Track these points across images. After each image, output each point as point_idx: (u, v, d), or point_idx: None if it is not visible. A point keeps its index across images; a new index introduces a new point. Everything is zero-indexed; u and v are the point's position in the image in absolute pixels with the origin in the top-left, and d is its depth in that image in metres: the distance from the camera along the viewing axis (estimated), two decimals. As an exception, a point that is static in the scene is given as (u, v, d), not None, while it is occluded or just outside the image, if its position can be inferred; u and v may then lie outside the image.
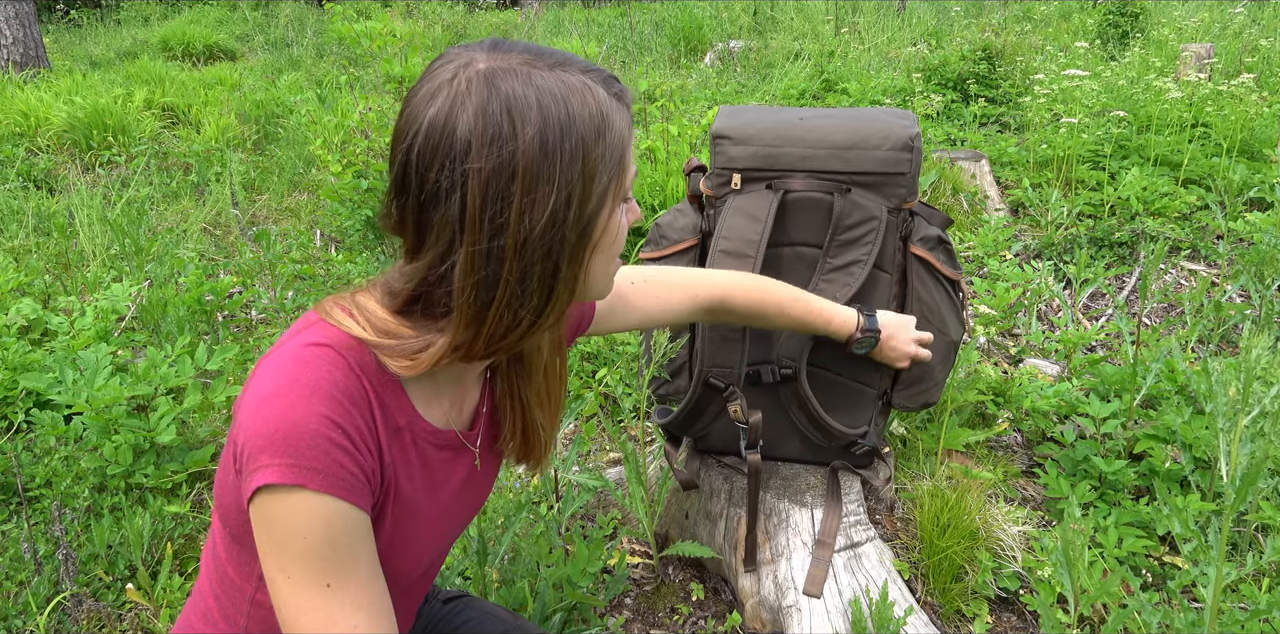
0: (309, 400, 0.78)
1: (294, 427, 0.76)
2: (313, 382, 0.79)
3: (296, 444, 0.76)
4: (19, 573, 1.88)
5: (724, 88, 6.02)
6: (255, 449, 0.77)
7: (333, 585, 0.78)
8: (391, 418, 0.86)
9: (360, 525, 0.81)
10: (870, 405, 1.76)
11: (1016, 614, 1.82)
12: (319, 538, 0.77)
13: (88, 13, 12.03)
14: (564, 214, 0.78)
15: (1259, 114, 4.23)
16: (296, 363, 0.80)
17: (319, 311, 0.86)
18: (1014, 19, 8.48)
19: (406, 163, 0.78)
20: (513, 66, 0.77)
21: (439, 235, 0.79)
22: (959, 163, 3.93)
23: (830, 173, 1.64)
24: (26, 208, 4.11)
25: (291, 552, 0.78)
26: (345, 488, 0.78)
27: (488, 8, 12.50)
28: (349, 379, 0.81)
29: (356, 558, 0.80)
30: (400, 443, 0.87)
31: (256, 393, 0.79)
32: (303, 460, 0.76)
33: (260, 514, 0.78)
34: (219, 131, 5.58)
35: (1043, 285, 2.96)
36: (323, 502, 0.77)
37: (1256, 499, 1.82)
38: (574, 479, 1.84)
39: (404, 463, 0.87)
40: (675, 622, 1.81)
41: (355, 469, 0.79)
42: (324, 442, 0.77)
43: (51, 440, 2.17)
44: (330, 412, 0.78)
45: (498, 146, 0.75)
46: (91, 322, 2.69)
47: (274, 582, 0.79)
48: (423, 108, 0.77)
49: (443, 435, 0.92)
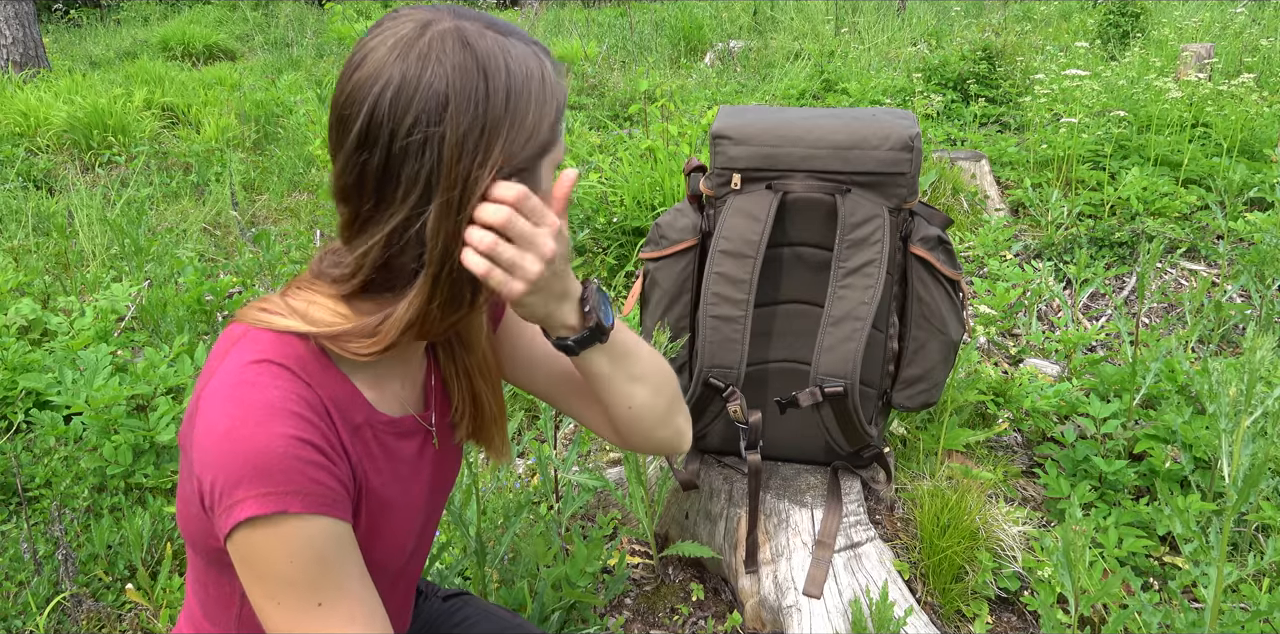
0: (270, 424, 0.76)
1: (262, 455, 0.74)
2: (266, 402, 0.77)
3: (269, 472, 0.74)
4: (19, 573, 1.88)
5: (724, 88, 6.01)
6: (228, 485, 0.75)
7: (324, 603, 0.78)
8: (348, 417, 0.84)
9: (346, 536, 0.80)
10: (871, 405, 1.76)
11: (1016, 614, 1.82)
12: (308, 559, 0.76)
13: (87, 13, 12.03)
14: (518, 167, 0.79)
15: (1259, 114, 4.23)
16: (242, 387, 0.78)
17: (243, 321, 0.84)
18: (1014, 19, 8.48)
19: (372, 117, 0.77)
20: (479, 29, 0.79)
21: (408, 190, 0.77)
22: (959, 163, 3.93)
23: (830, 173, 1.64)
24: (26, 208, 4.11)
25: (280, 578, 0.76)
26: (327, 503, 0.77)
27: (488, 8, 12.51)
28: (300, 388, 0.79)
29: (345, 571, 0.79)
30: (362, 440, 0.86)
31: (214, 428, 0.76)
32: (279, 486, 0.74)
33: (243, 547, 0.76)
34: (219, 131, 5.57)
35: (1043, 285, 2.96)
36: (307, 523, 0.76)
37: (1257, 499, 1.82)
38: (574, 479, 1.84)
39: (369, 459, 0.86)
40: (675, 622, 1.81)
41: (332, 482, 0.78)
42: (295, 462, 0.76)
43: (51, 440, 2.17)
44: (293, 429, 0.76)
45: (474, 103, 0.76)
46: (91, 322, 2.69)
47: (263, 610, 0.78)
48: (389, 62, 0.77)
49: (401, 423, 0.91)
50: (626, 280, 3.32)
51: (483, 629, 1.18)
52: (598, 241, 3.47)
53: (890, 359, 1.77)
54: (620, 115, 5.59)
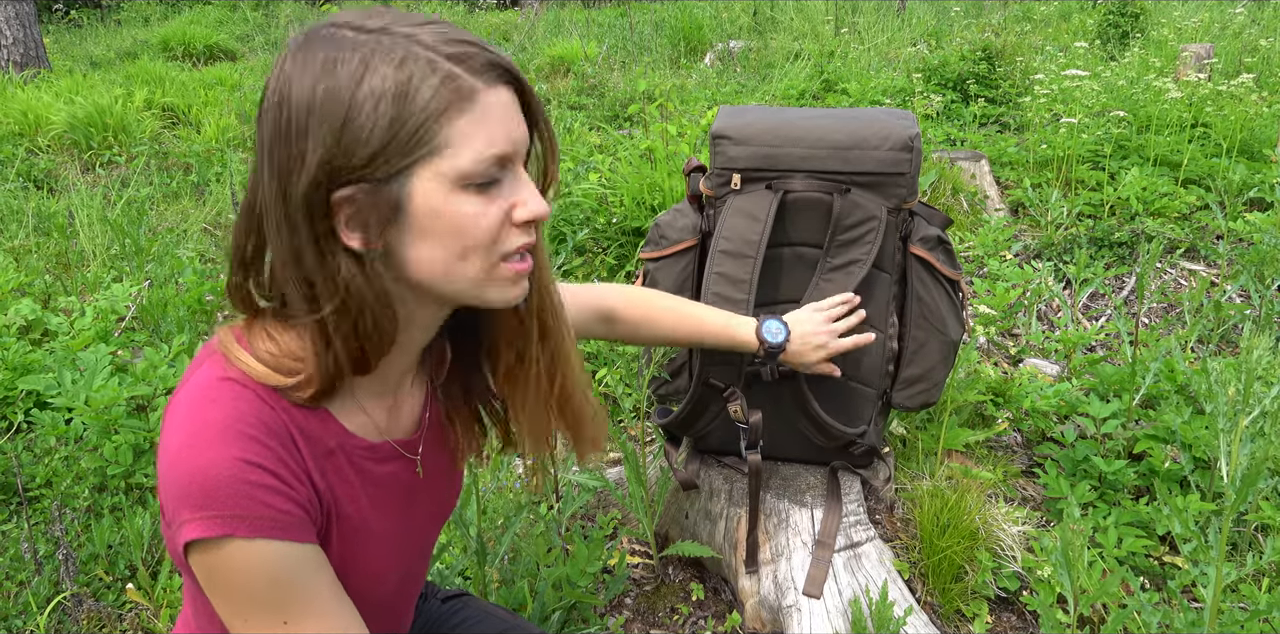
0: (220, 445, 0.74)
1: (208, 476, 0.73)
2: (222, 422, 0.75)
3: (214, 494, 0.73)
4: (19, 573, 1.88)
5: (724, 88, 6.01)
6: (175, 504, 0.74)
7: (290, 622, 0.77)
8: (319, 442, 0.82)
9: (307, 559, 0.78)
10: (869, 405, 1.76)
11: (1016, 614, 1.82)
12: (264, 582, 0.76)
13: (88, 13, 12.03)
14: (337, 180, 0.74)
15: (1259, 114, 4.23)
16: (203, 402, 0.77)
17: (217, 341, 0.82)
18: (1014, 19, 8.48)
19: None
20: (331, 31, 0.78)
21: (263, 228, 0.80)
22: (959, 163, 3.93)
23: (830, 173, 1.64)
24: (26, 208, 4.11)
25: (239, 599, 0.76)
26: (279, 528, 0.75)
27: (488, 8, 12.50)
28: (261, 410, 0.77)
29: (307, 591, 0.78)
30: (335, 466, 0.84)
31: (169, 445, 0.75)
32: (224, 510, 0.73)
33: (199, 567, 0.76)
34: (219, 131, 5.58)
35: (1042, 285, 2.96)
36: (257, 547, 0.74)
37: (1256, 499, 1.82)
38: (574, 479, 1.84)
39: (343, 485, 0.84)
40: (675, 622, 1.81)
41: (287, 505, 0.76)
42: (244, 486, 0.74)
43: (52, 440, 2.17)
44: (245, 453, 0.74)
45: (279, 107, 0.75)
46: (91, 322, 2.69)
47: (231, 626, 0.78)
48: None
49: (380, 449, 0.88)
50: (626, 280, 3.32)
51: (483, 629, 1.19)
52: (597, 242, 3.48)
53: (890, 359, 1.77)
54: (620, 116, 5.59)
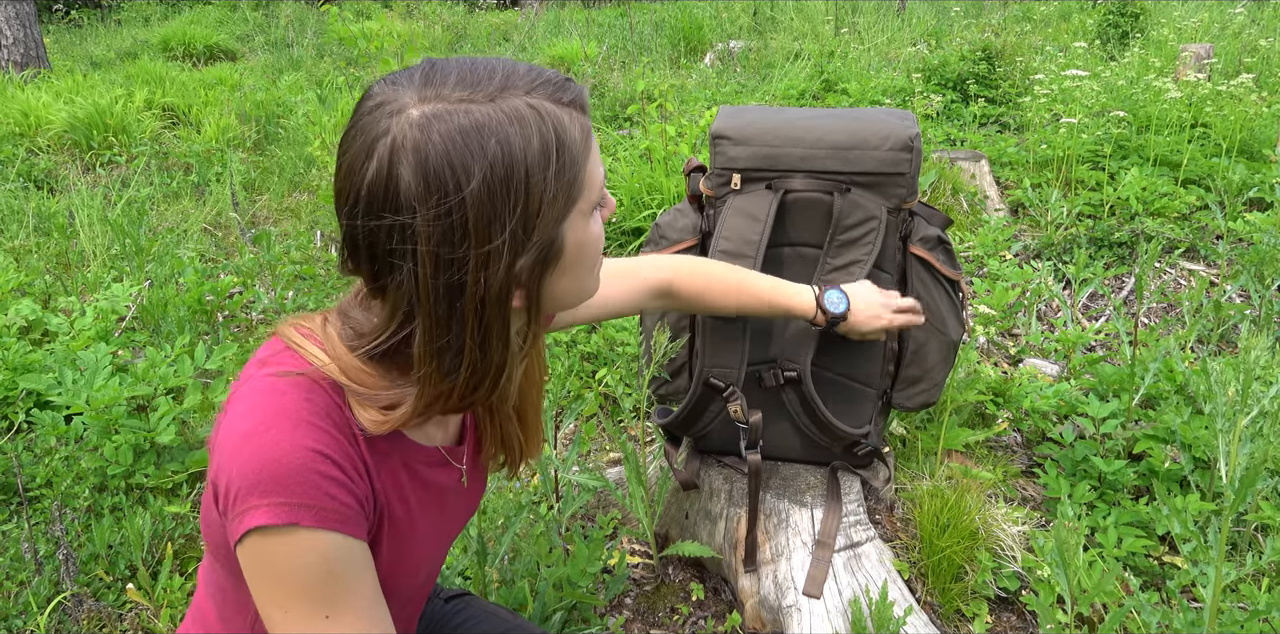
0: (293, 434, 0.75)
1: (280, 463, 0.74)
2: (294, 413, 0.76)
3: (285, 481, 0.74)
4: (19, 573, 1.88)
5: (724, 88, 6.01)
6: (243, 491, 0.74)
7: (331, 616, 0.77)
8: (377, 442, 0.83)
9: (357, 555, 0.79)
10: (870, 405, 1.76)
11: (1016, 614, 1.83)
12: (315, 573, 0.76)
13: (88, 13, 12.03)
14: (522, 256, 0.75)
15: (1258, 114, 4.23)
16: (273, 394, 0.77)
17: (284, 339, 0.82)
18: (1014, 19, 8.48)
19: (352, 228, 0.74)
20: (448, 109, 0.72)
21: (395, 301, 0.76)
22: (959, 163, 3.93)
23: (830, 173, 1.64)
24: (27, 208, 4.11)
25: (288, 589, 0.76)
26: (340, 520, 0.76)
27: (488, 8, 12.50)
28: (329, 406, 0.79)
29: (354, 587, 0.79)
30: (389, 466, 0.85)
31: (235, 431, 0.76)
32: (294, 498, 0.74)
33: (252, 555, 0.76)
34: (219, 132, 5.58)
35: (1042, 285, 2.96)
36: (317, 537, 0.75)
37: (1256, 499, 1.82)
38: (574, 479, 1.84)
39: (395, 485, 0.85)
40: (675, 622, 1.82)
41: (349, 499, 0.77)
42: (314, 476, 0.75)
43: (52, 440, 2.17)
44: (317, 443, 0.76)
45: (444, 205, 0.71)
46: (91, 322, 2.69)
47: (270, 618, 0.78)
48: (359, 167, 0.72)
49: (430, 453, 0.90)
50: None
51: (484, 629, 1.19)
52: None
53: (890, 359, 1.77)
54: (619, 116, 5.59)
